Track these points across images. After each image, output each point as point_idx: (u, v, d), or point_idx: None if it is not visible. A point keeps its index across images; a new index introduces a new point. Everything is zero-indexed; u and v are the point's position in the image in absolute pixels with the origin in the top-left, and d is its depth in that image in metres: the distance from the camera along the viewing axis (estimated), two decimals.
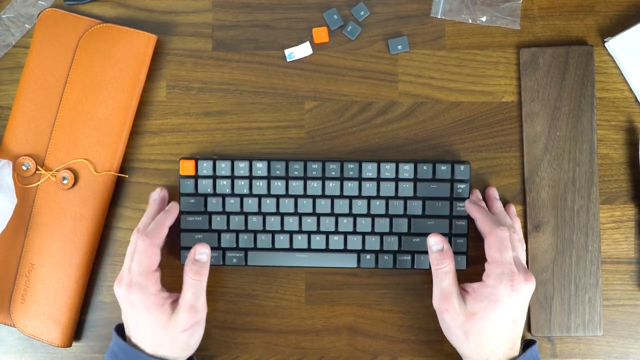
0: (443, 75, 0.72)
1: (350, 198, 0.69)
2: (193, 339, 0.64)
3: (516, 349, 0.63)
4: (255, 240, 0.70)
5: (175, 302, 0.64)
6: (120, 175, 0.71)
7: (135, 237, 0.65)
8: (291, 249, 0.70)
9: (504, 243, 0.63)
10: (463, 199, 0.69)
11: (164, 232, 0.66)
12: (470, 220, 0.71)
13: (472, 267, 0.71)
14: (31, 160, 0.70)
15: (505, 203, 0.71)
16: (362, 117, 0.72)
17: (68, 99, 0.70)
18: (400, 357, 0.71)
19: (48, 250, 0.70)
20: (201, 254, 0.65)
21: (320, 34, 0.72)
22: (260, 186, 0.69)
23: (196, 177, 0.70)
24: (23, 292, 0.69)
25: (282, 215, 0.70)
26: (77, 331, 0.71)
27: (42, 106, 0.71)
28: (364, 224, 0.69)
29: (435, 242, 0.65)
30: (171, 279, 0.70)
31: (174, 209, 0.68)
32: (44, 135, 0.71)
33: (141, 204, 0.72)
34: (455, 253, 0.69)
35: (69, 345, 0.70)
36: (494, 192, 0.71)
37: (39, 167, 0.70)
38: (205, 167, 0.69)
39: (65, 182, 0.70)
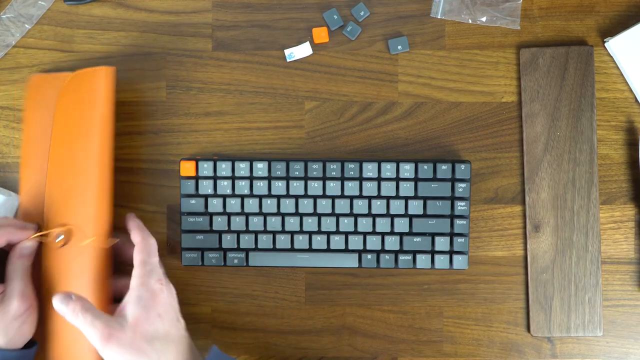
0: (443, 75, 0.72)
1: (351, 198, 0.69)
2: (26, 326, 0.63)
3: None
4: (256, 241, 0.70)
5: (3, 293, 0.64)
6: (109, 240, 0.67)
7: None
8: (292, 249, 0.70)
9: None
10: (464, 199, 0.69)
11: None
12: (472, 220, 0.71)
13: (473, 267, 0.71)
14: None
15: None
16: (362, 117, 0.72)
17: (52, 158, 0.68)
18: (400, 357, 0.71)
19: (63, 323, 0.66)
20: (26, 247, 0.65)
21: (320, 34, 0.72)
22: (261, 187, 0.69)
23: (197, 178, 0.69)
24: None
25: (283, 215, 0.69)
26: None
27: (41, 170, 0.69)
28: (365, 224, 0.69)
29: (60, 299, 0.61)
30: (172, 280, 0.70)
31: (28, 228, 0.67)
32: (42, 200, 0.68)
33: (141, 204, 0.72)
34: (456, 253, 0.69)
35: None
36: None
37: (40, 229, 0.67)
38: (206, 168, 0.69)
39: (58, 240, 0.66)
